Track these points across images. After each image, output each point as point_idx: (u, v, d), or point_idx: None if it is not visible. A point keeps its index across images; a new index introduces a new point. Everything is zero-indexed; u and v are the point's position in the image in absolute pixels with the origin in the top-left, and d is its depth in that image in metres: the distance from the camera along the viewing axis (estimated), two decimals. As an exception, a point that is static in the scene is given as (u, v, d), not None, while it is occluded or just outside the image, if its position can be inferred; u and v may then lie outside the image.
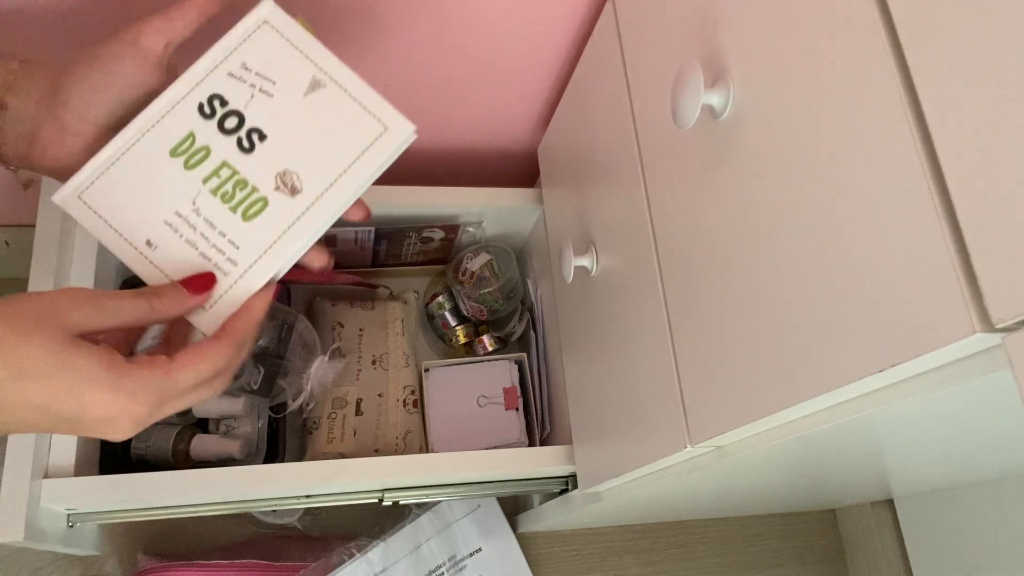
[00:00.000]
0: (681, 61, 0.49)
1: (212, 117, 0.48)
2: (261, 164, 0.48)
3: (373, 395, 0.85)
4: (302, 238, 0.47)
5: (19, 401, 0.39)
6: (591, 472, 0.71)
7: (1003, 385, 0.33)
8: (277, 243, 0.47)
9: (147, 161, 0.47)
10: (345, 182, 0.47)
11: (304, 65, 0.49)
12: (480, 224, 0.90)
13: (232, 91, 0.48)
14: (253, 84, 0.49)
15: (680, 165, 0.54)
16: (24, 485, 0.64)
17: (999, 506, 0.85)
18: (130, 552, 0.87)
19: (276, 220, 0.47)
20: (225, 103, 0.48)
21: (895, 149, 0.34)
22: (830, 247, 0.38)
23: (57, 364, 0.39)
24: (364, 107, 0.49)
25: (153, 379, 0.42)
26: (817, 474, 0.71)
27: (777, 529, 1.08)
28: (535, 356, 0.89)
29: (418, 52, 0.76)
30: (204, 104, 0.48)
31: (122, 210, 0.47)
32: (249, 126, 0.48)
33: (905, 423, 0.45)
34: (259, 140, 0.48)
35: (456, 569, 0.89)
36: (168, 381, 0.43)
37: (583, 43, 0.74)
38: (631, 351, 0.61)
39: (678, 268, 0.54)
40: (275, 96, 0.48)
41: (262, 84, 0.48)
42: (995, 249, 0.30)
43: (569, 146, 0.78)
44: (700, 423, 0.51)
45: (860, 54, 0.37)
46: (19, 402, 0.39)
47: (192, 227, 0.47)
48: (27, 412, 0.40)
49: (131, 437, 0.44)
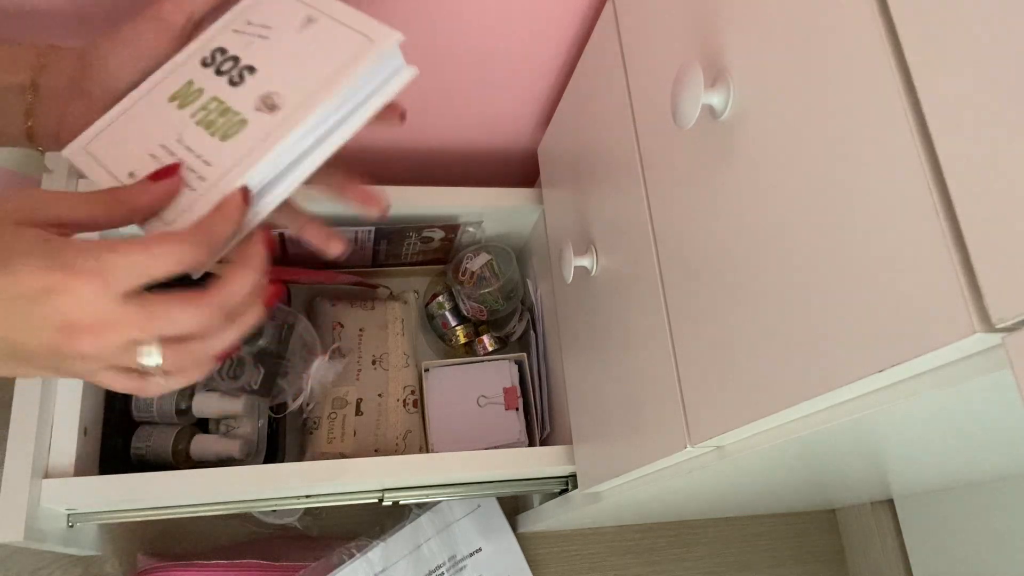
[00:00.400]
0: (681, 61, 0.49)
1: (211, 65, 0.50)
2: (247, 92, 0.48)
3: (373, 395, 0.85)
4: (277, 145, 0.45)
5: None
6: (591, 472, 0.71)
7: (1003, 385, 0.33)
8: (251, 154, 0.45)
9: (148, 110, 0.49)
10: (325, 92, 0.46)
11: (299, 7, 0.50)
12: (480, 224, 0.90)
13: (233, 42, 0.50)
14: (253, 34, 0.50)
15: (680, 165, 0.54)
16: (24, 485, 0.64)
17: (999, 506, 0.85)
18: (130, 552, 0.87)
19: (252, 135, 0.46)
20: (224, 52, 0.50)
21: (895, 149, 0.34)
22: (830, 247, 0.38)
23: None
24: (350, 27, 0.49)
25: (96, 250, 0.37)
26: (817, 474, 0.71)
27: (777, 529, 1.08)
28: (535, 356, 0.89)
29: (418, 52, 0.76)
30: (207, 56, 0.50)
31: (118, 153, 0.48)
32: (242, 65, 0.49)
33: (905, 423, 0.45)
34: (249, 74, 0.49)
35: (456, 569, 0.89)
36: (115, 256, 0.37)
37: (583, 43, 0.74)
38: (631, 351, 0.61)
39: (678, 268, 0.54)
40: (270, 38, 0.49)
41: (260, 32, 0.50)
42: (995, 249, 0.30)
43: (569, 146, 0.78)
44: (700, 423, 0.51)
45: (860, 54, 0.37)
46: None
47: (172, 154, 0.46)
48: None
49: (97, 345, 0.38)
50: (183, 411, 0.77)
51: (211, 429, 0.79)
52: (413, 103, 0.83)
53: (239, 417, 0.78)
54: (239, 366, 0.78)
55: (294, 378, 0.79)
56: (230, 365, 0.78)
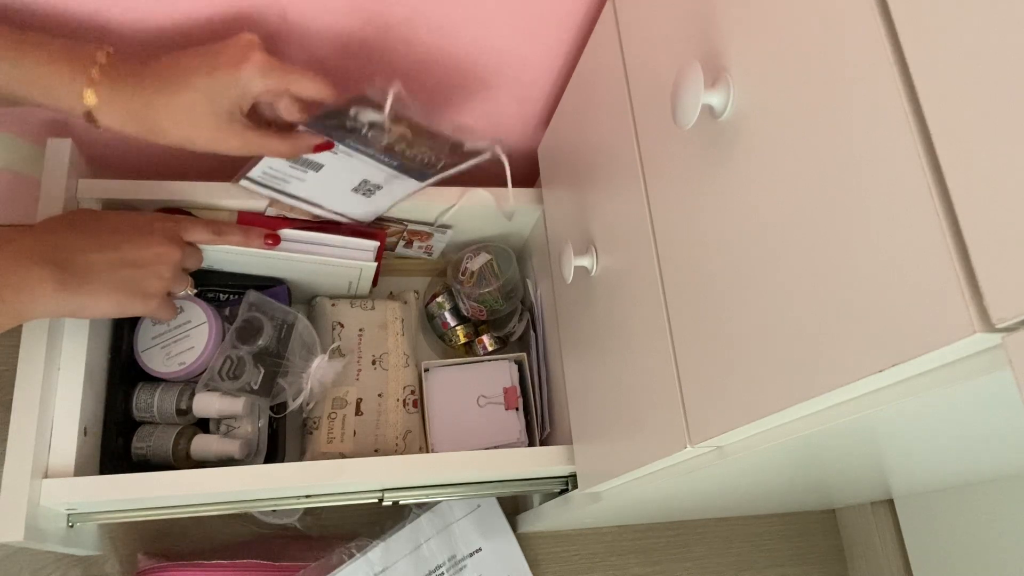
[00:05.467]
0: (681, 61, 0.49)
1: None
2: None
3: (373, 395, 0.85)
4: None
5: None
6: (591, 472, 0.71)
7: (1003, 385, 0.33)
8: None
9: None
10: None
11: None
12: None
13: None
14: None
15: (680, 165, 0.54)
16: (24, 485, 0.64)
17: (999, 506, 0.85)
18: (130, 552, 0.87)
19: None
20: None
21: (895, 149, 0.34)
22: (830, 247, 0.38)
23: None
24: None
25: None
26: (817, 474, 0.71)
27: (777, 529, 1.08)
28: (535, 356, 0.89)
29: (419, 52, 0.76)
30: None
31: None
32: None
33: (905, 423, 0.45)
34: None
35: (456, 569, 0.89)
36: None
37: (583, 43, 0.74)
38: (631, 351, 0.61)
39: (678, 268, 0.54)
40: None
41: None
42: (995, 249, 0.30)
43: (569, 146, 0.78)
44: (700, 423, 0.51)
45: (860, 54, 0.37)
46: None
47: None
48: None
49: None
50: (183, 411, 0.77)
51: (211, 429, 0.79)
52: (413, 103, 0.83)
53: (239, 417, 0.78)
54: (239, 366, 0.78)
55: (294, 378, 0.79)
56: (230, 365, 0.78)
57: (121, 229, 0.67)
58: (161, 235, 0.69)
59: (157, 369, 0.77)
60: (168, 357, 0.77)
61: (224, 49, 0.62)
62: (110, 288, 0.64)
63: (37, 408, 0.66)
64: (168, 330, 0.78)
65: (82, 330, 0.72)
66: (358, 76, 0.78)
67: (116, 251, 0.65)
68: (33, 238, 0.61)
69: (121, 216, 0.70)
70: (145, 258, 0.66)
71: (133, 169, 0.84)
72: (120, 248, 0.65)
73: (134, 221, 0.69)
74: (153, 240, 0.68)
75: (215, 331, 0.78)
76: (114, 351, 0.78)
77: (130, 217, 0.70)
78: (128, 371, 0.77)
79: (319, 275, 0.84)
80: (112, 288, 0.64)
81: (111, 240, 0.65)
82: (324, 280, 0.86)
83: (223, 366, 0.77)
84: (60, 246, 0.62)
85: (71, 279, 0.61)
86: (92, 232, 0.65)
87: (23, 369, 0.67)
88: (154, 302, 0.68)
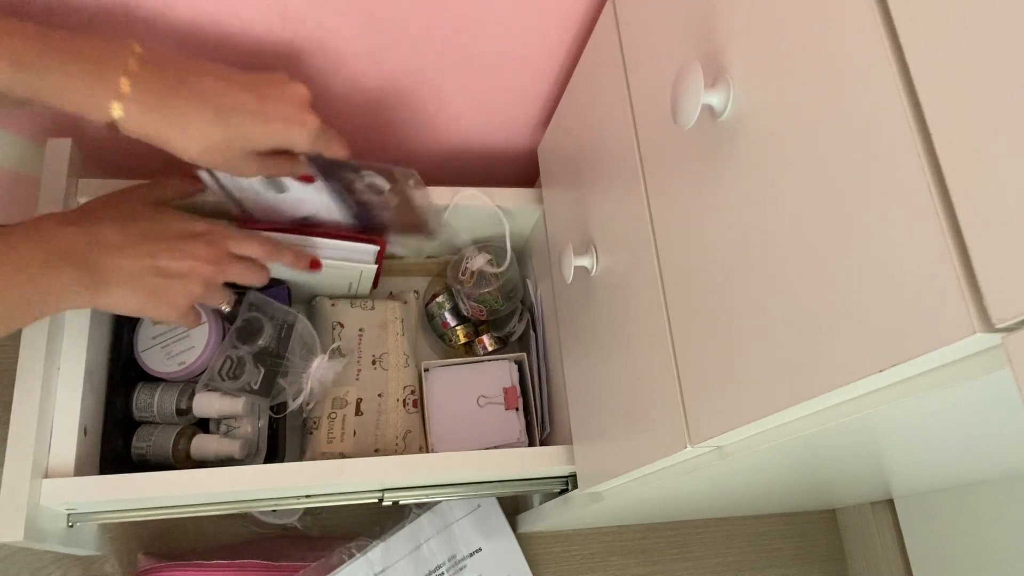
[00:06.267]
0: (681, 61, 0.49)
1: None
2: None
3: (373, 395, 0.85)
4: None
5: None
6: (591, 472, 0.71)
7: (1003, 385, 0.33)
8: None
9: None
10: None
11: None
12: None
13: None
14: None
15: (680, 165, 0.54)
16: (24, 485, 0.64)
17: (999, 506, 0.85)
18: (130, 552, 0.87)
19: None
20: None
21: (895, 149, 0.34)
22: (830, 247, 0.38)
23: None
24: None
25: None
26: (817, 474, 0.71)
27: (777, 529, 1.08)
28: (535, 356, 0.89)
29: (419, 52, 0.76)
30: None
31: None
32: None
33: (905, 423, 0.45)
34: None
35: (456, 569, 0.89)
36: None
37: (583, 43, 0.74)
38: (631, 351, 0.61)
39: (678, 268, 0.54)
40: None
41: None
42: (995, 249, 0.30)
43: (569, 146, 0.78)
44: (700, 423, 0.51)
45: (860, 54, 0.37)
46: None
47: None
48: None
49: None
50: (183, 411, 0.77)
51: (211, 429, 0.79)
52: (414, 103, 0.83)
53: (239, 417, 0.78)
54: (239, 366, 0.78)
55: (294, 378, 0.79)
56: (230, 365, 0.78)
57: (164, 236, 0.66)
58: (205, 247, 0.67)
59: (157, 369, 0.77)
60: (168, 357, 0.77)
61: (276, 95, 0.63)
62: (135, 292, 0.63)
63: (37, 408, 0.66)
64: (168, 330, 0.78)
65: (82, 330, 0.72)
66: (358, 75, 0.78)
67: (151, 259, 0.64)
68: (70, 235, 0.60)
69: (170, 219, 0.68)
70: (178, 269, 0.65)
71: (133, 169, 0.84)
72: (156, 256, 0.64)
73: (182, 228, 0.67)
74: (191, 252, 0.66)
75: (215, 331, 0.78)
76: (114, 351, 0.78)
77: (180, 222, 0.68)
78: (128, 371, 0.77)
79: (319, 276, 0.84)
80: (136, 292, 0.63)
81: (149, 248, 0.64)
82: (324, 281, 0.86)
83: (223, 366, 0.77)
84: (96, 243, 0.62)
85: (100, 282, 0.61)
86: (134, 234, 0.64)
87: (23, 369, 0.67)
88: (175, 313, 0.67)
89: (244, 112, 0.61)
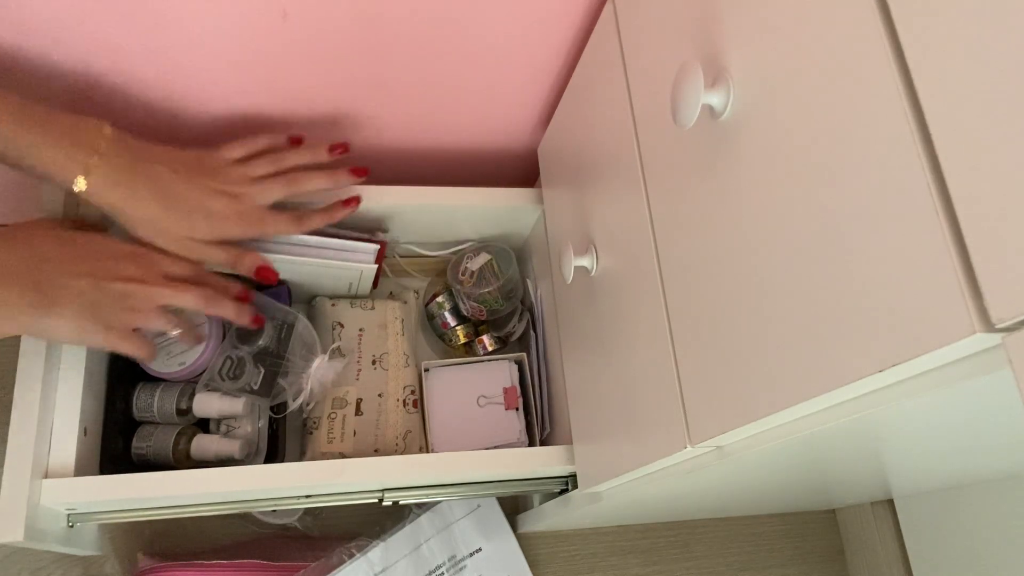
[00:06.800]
0: (681, 61, 0.49)
1: None
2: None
3: (373, 395, 0.85)
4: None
5: None
6: (591, 472, 0.71)
7: (1003, 385, 0.33)
8: None
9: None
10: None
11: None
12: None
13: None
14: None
15: (680, 165, 0.54)
16: (24, 485, 0.64)
17: (999, 506, 0.85)
18: (130, 552, 0.87)
19: None
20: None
21: (895, 149, 0.34)
22: (830, 246, 0.38)
23: None
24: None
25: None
26: (817, 474, 0.71)
27: (777, 529, 1.08)
28: (535, 356, 0.89)
29: (418, 52, 0.76)
30: None
31: None
32: None
33: (905, 423, 0.45)
34: None
35: (456, 569, 0.89)
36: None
37: (583, 43, 0.74)
38: (631, 351, 0.61)
39: (678, 268, 0.54)
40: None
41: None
42: (995, 249, 0.30)
43: (569, 146, 0.78)
44: (700, 423, 0.51)
45: (860, 54, 0.37)
46: None
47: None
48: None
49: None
50: (183, 411, 0.77)
51: (211, 429, 0.79)
52: (414, 104, 0.83)
53: (239, 417, 0.78)
54: (239, 366, 0.78)
55: (294, 378, 0.79)
56: (231, 365, 0.78)
57: (101, 255, 0.65)
58: (136, 266, 0.66)
59: (157, 369, 0.77)
60: (168, 357, 0.77)
61: (217, 184, 0.70)
62: (75, 313, 0.62)
63: (37, 408, 0.66)
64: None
65: (82, 330, 0.72)
66: (358, 76, 0.78)
67: (91, 277, 0.64)
68: (18, 255, 0.61)
69: (103, 240, 0.68)
70: (113, 289, 0.64)
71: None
72: (95, 274, 0.64)
73: (116, 249, 0.67)
74: (123, 271, 0.65)
75: (215, 331, 0.78)
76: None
77: (111, 244, 0.67)
78: (128, 371, 0.77)
79: (319, 276, 0.84)
80: (76, 314, 0.62)
81: (90, 266, 0.64)
82: (324, 281, 0.86)
83: (223, 366, 0.77)
84: (46, 260, 0.62)
85: (45, 300, 0.61)
86: (76, 255, 0.64)
87: (23, 369, 0.67)
88: (114, 335, 0.65)
89: (187, 206, 0.67)
